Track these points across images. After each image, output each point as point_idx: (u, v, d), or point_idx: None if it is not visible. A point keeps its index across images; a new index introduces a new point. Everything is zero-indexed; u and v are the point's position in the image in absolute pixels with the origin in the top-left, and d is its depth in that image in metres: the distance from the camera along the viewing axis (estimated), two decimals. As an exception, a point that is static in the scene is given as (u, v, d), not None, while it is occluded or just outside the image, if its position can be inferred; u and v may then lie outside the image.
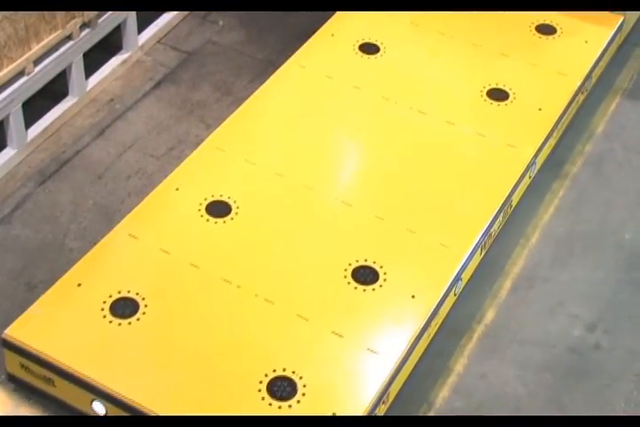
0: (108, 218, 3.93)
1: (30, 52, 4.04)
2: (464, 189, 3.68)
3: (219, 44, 4.82)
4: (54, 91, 4.33)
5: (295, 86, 4.07)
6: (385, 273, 3.35)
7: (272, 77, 4.13)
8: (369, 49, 4.23)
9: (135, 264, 3.35)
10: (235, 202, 3.55)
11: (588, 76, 4.25)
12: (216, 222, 3.48)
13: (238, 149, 3.77)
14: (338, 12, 4.42)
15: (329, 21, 4.40)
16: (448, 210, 3.59)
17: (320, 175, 3.69)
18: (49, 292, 3.28)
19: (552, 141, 4.07)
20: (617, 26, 4.44)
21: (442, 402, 3.46)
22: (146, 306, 3.20)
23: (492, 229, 3.64)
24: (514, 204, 3.84)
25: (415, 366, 3.36)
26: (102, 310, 3.19)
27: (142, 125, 4.41)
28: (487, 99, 4.01)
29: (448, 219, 3.56)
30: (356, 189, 3.67)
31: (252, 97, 4.01)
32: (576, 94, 4.15)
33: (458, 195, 3.65)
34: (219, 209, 3.52)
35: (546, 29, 4.38)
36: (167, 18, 4.85)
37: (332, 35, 4.31)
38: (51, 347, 3.09)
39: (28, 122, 4.22)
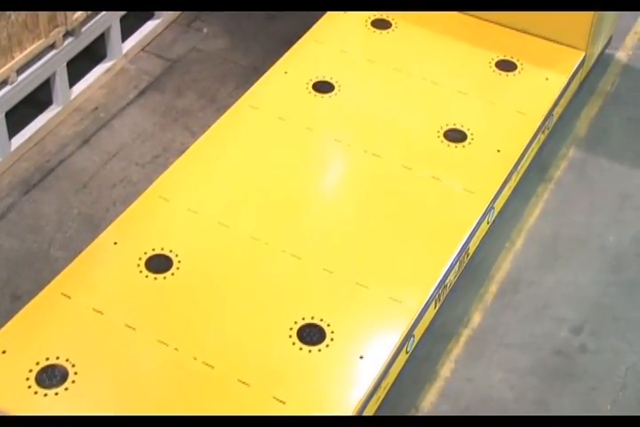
0: (94, 227, 3.92)
1: (13, 62, 4.03)
2: (418, 237, 3.50)
3: (203, 52, 4.82)
4: (38, 100, 4.32)
5: (245, 129, 3.88)
6: (332, 332, 3.16)
7: (221, 119, 3.91)
8: (323, 87, 4.05)
9: (66, 329, 3.14)
10: (176, 256, 3.36)
11: (549, 115, 4.06)
12: (155, 279, 3.29)
13: (182, 197, 3.58)
14: (292, 48, 4.25)
15: (283, 57, 4.22)
16: (401, 261, 3.41)
17: (267, 226, 3.49)
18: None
19: (511, 184, 3.88)
20: (578, 62, 4.25)
21: (429, 406, 3.46)
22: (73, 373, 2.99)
23: (447, 281, 3.46)
24: (471, 252, 3.64)
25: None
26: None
27: (127, 134, 4.41)
28: (444, 140, 3.85)
29: (400, 271, 3.38)
30: (305, 241, 3.45)
31: (199, 140, 3.84)
32: (536, 134, 3.96)
33: (411, 244, 3.47)
34: (159, 264, 3.34)
35: (506, 66, 4.19)
36: (151, 26, 4.85)
37: (286, 72, 4.11)
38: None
39: (12, 131, 4.21)
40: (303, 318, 3.21)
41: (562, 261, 3.97)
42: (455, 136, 3.87)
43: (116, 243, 3.42)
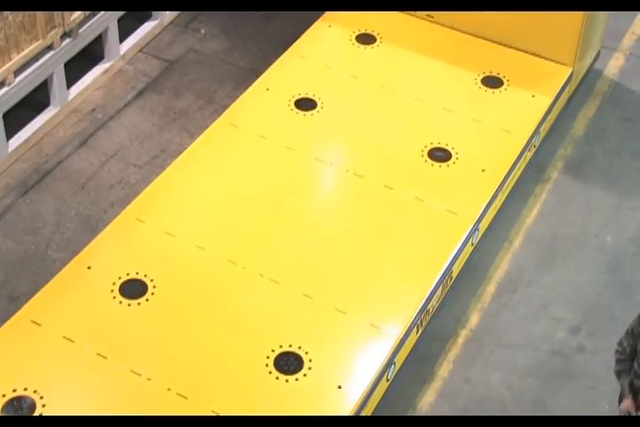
0: (91, 228, 3.92)
1: (10, 63, 4.03)
2: (400, 261, 3.41)
3: (201, 53, 4.82)
4: (35, 101, 4.32)
5: (224, 148, 3.79)
6: (310, 360, 3.08)
7: (200, 138, 3.84)
8: (305, 105, 3.96)
9: (35, 359, 3.05)
10: (151, 281, 3.28)
11: (535, 133, 3.99)
12: (129, 305, 3.21)
13: (159, 219, 3.48)
14: (274, 64, 4.17)
15: (265, 74, 4.15)
16: (381, 286, 3.32)
17: (245, 249, 3.40)
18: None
19: (497, 204, 3.80)
20: (565, 78, 4.20)
21: (427, 407, 3.46)
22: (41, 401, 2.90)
23: (429, 306, 3.36)
24: (454, 275, 3.55)
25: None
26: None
27: (125, 135, 4.41)
28: (428, 159, 3.77)
29: (381, 296, 3.29)
30: (284, 264, 3.36)
31: (177, 160, 3.75)
32: (522, 153, 3.89)
33: (393, 268, 3.38)
34: (133, 289, 3.25)
35: (492, 82, 4.12)
36: (149, 27, 4.85)
37: (267, 89, 4.05)
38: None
39: (10, 133, 4.21)
40: (281, 346, 3.12)
41: (560, 261, 3.97)
42: (439, 155, 3.79)
43: (89, 267, 3.33)
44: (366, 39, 4.29)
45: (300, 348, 3.12)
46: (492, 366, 3.59)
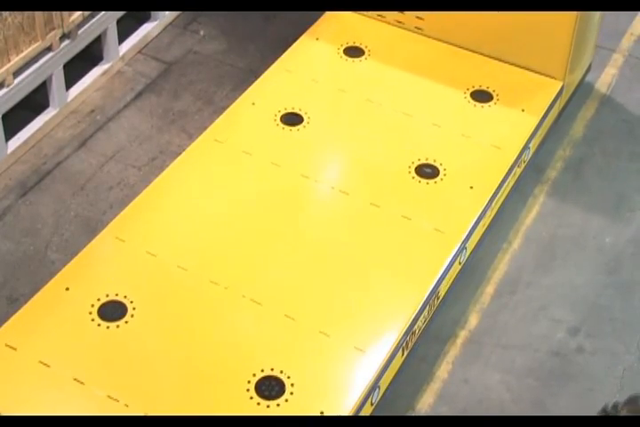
0: (90, 229, 3.92)
1: (10, 64, 4.03)
2: (385, 281, 3.32)
3: (200, 54, 4.82)
4: (35, 102, 4.32)
5: (208, 164, 3.69)
6: (292, 385, 2.99)
7: (183, 154, 3.76)
8: (291, 120, 3.87)
9: (11, 384, 2.96)
10: (131, 302, 3.19)
11: (525, 148, 3.91)
12: (108, 327, 3.12)
13: (140, 238, 3.39)
14: (261, 77, 4.10)
15: (251, 87, 4.07)
16: (366, 307, 3.23)
17: (228, 269, 3.31)
18: None
19: (485, 221, 3.71)
20: (556, 92, 4.10)
21: (426, 408, 3.46)
22: None
23: (415, 327, 3.28)
24: (441, 295, 3.48)
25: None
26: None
27: (124, 136, 4.41)
28: (415, 176, 3.68)
29: (366, 318, 3.20)
30: (267, 285, 3.28)
31: (160, 177, 3.66)
32: (511, 169, 3.81)
33: (378, 289, 3.30)
34: (112, 311, 3.16)
35: (481, 96, 4.03)
36: (148, 28, 4.85)
37: (253, 103, 3.96)
38: None
39: (9, 134, 4.21)
40: (262, 370, 3.03)
41: (559, 262, 3.98)
42: (427, 172, 3.72)
43: (67, 288, 3.24)
44: (354, 52, 4.23)
45: (281, 372, 3.03)
46: (491, 367, 3.59)
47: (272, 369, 3.05)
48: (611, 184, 4.30)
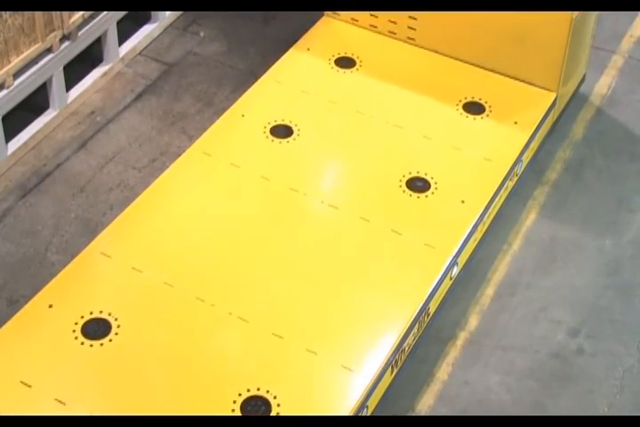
0: (90, 231, 3.92)
1: (10, 65, 4.04)
2: (374, 297, 3.26)
3: (200, 55, 4.83)
4: (35, 104, 4.32)
5: (196, 178, 3.64)
6: (278, 405, 2.92)
7: (171, 167, 3.71)
8: (281, 132, 3.82)
9: None
10: (116, 320, 3.12)
11: (518, 161, 3.86)
12: (91, 346, 3.05)
13: (126, 254, 3.33)
14: (251, 88, 4.06)
15: (241, 99, 4.03)
16: (355, 324, 3.17)
17: (214, 285, 3.25)
18: None
19: (477, 235, 3.67)
20: (549, 104, 4.05)
21: (427, 409, 3.46)
22: None
23: (404, 345, 3.22)
24: (432, 311, 3.42)
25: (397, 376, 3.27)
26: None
27: (124, 138, 4.41)
28: (406, 190, 3.62)
29: (354, 336, 3.14)
30: (254, 302, 3.21)
31: (147, 190, 3.61)
32: (503, 183, 3.77)
33: (367, 305, 3.23)
34: (96, 329, 3.09)
35: (473, 108, 3.99)
36: (148, 29, 4.85)
37: (243, 115, 3.90)
38: None
39: (9, 135, 4.21)
40: (248, 390, 2.96)
41: (559, 263, 3.98)
42: (418, 185, 3.67)
43: (51, 306, 3.17)
44: (346, 63, 4.19)
45: (268, 392, 2.96)
46: (491, 369, 3.59)
47: (258, 389, 2.98)
48: (611, 186, 4.30)
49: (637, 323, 3.77)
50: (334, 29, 4.35)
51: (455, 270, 3.55)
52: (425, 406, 3.46)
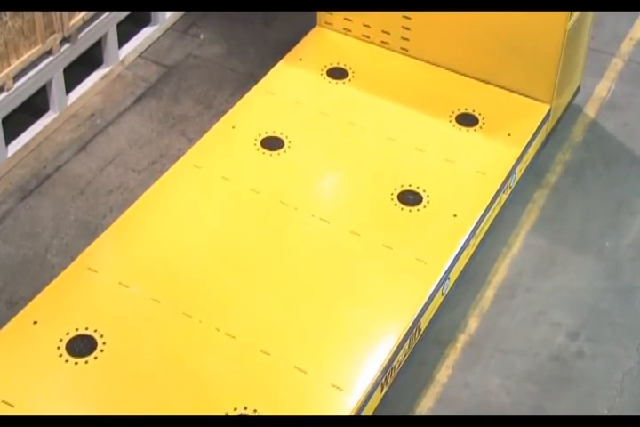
0: (90, 233, 3.92)
1: (10, 68, 4.04)
2: (364, 313, 3.20)
3: (200, 58, 4.83)
4: (34, 106, 4.32)
5: (185, 191, 3.59)
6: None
7: (160, 180, 3.65)
8: (271, 144, 3.77)
9: None
10: (101, 336, 3.06)
11: (511, 174, 3.82)
12: (76, 363, 2.99)
13: (113, 269, 3.28)
14: (242, 100, 4.02)
15: (231, 110, 3.97)
16: (344, 341, 3.11)
17: (202, 301, 3.20)
18: None
19: (469, 250, 3.62)
20: (543, 116, 4.01)
21: (426, 412, 3.45)
22: None
23: (395, 362, 3.16)
24: (423, 327, 3.37)
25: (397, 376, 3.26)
26: None
27: (123, 140, 4.41)
28: (397, 203, 3.58)
29: (344, 353, 3.08)
30: (242, 318, 3.16)
31: (135, 204, 3.54)
32: (496, 196, 3.72)
33: (356, 322, 3.17)
34: (81, 346, 3.04)
35: (467, 120, 3.94)
36: (148, 32, 4.86)
37: (233, 127, 3.85)
38: None
39: (9, 138, 4.21)
40: (235, 409, 2.91)
41: (558, 266, 3.97)
42: (410, 199, 3.61)
43: (35, 322, 3.11)
44: (338, 74, 4.15)
45: (255, 411, 2.91)
46: (491, 372, 3.59)
47: (245, 408, 2.92)
48: (610, 188, 4.30)
49: (637, 326, 3.77)
50: (327, 39, 4.32)
51: (447, 286, 3.50)
52: (424, 408, 3.46)
